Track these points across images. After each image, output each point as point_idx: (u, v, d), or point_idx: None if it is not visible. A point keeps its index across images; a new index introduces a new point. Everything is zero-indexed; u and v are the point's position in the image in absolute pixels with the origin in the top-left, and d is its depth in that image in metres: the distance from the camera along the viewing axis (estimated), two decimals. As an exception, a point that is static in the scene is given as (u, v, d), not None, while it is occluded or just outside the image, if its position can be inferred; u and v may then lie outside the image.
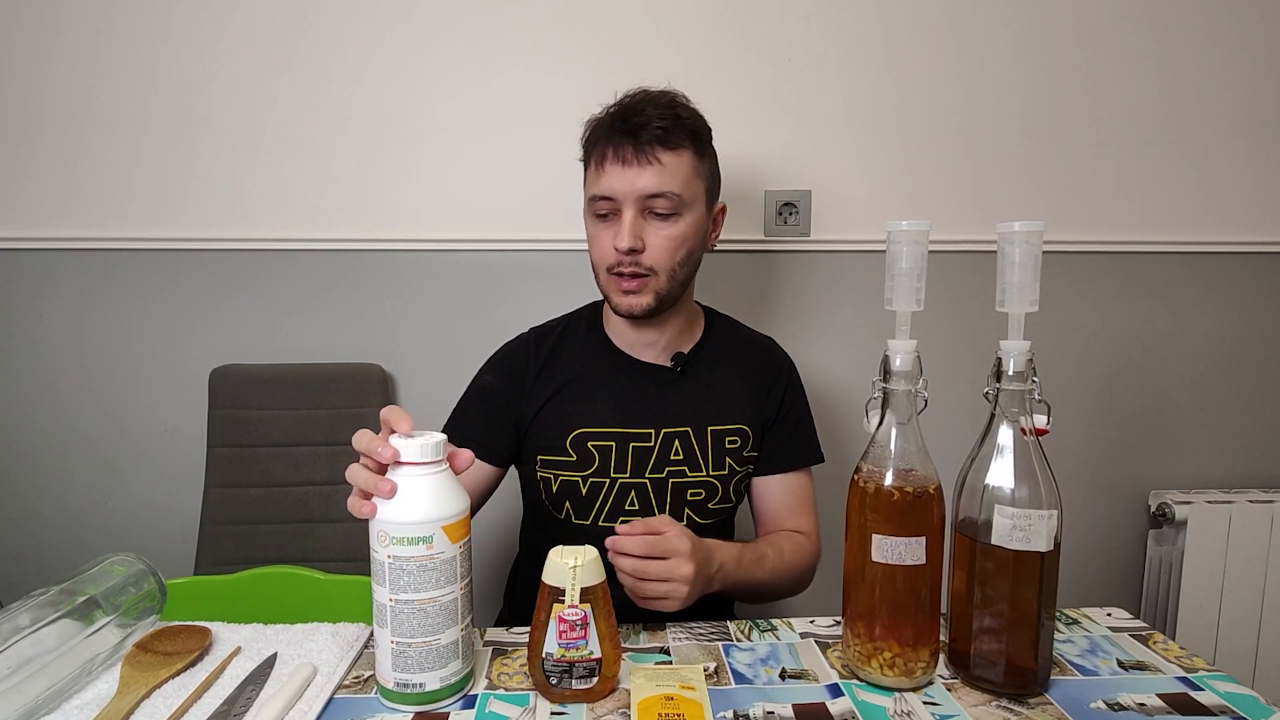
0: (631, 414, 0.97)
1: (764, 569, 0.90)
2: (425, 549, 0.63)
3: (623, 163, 0.90)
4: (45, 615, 0.66)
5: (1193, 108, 1.43)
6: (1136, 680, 0.69)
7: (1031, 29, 1.39)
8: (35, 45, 1.34)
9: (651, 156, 0.89)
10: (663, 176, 0.89)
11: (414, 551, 0.63)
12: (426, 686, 0.65)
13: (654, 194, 0.90)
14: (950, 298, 1.40)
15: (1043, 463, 0.65)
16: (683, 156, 0.91)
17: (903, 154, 1.41)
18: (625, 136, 0.90)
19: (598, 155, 0.92)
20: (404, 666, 0.64)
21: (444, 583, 0.64)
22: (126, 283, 1.40)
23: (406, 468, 0.64)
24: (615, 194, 0.90)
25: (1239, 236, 1.47)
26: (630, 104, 0.92)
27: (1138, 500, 1.53)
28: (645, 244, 0.91)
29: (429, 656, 0.64)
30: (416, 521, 0.63)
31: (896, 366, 0.66)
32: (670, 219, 0.91)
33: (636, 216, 0.91)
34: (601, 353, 1.01)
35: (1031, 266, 0.64)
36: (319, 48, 1.35)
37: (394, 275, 1.41)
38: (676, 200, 0.91)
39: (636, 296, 0.93)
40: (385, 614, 0.64)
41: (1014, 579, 0.65)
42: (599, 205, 0.92)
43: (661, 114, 0.90)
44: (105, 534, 1.44)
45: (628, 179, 0.89)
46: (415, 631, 0.64)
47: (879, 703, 0.66)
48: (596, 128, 0.94)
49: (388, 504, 0.64)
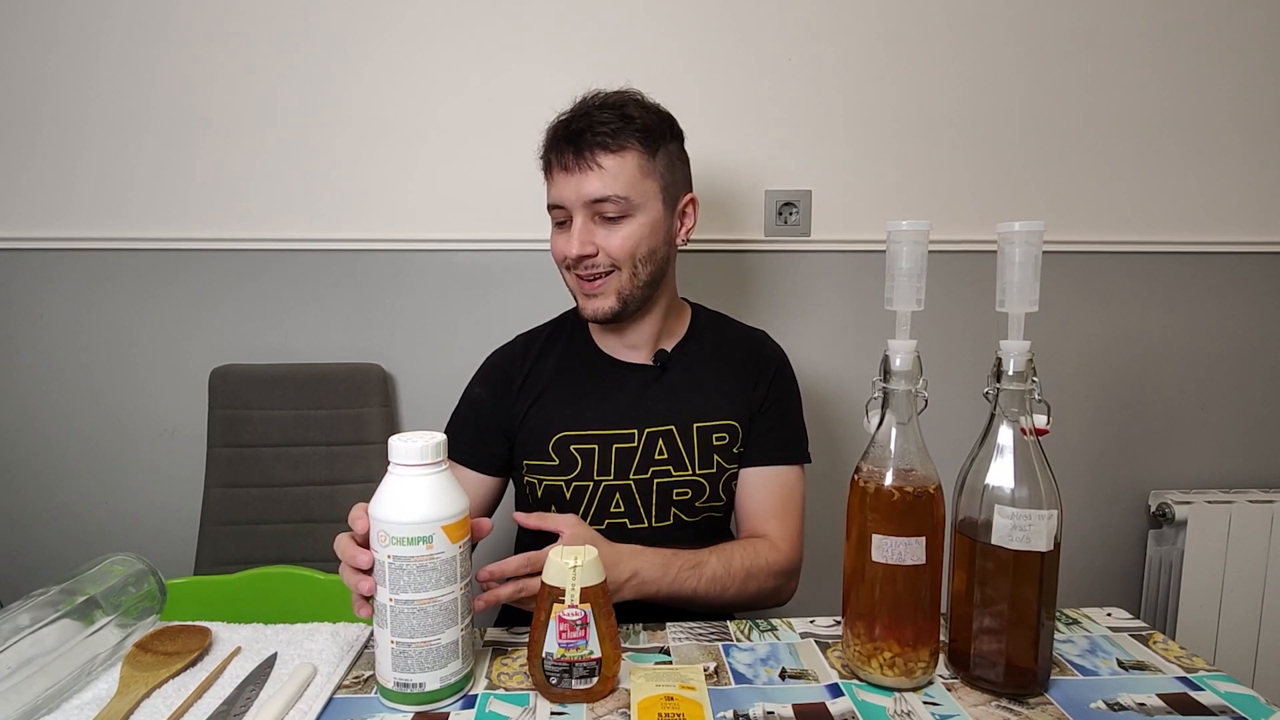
0: (613, 415, 0.96)
1: (700, 577, 0.85)
2: (425, 549, 0.63)
3: (565, 170, 0.91)
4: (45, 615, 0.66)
5: (1193, 108, 1.43)
6: (1136, 680, 0.69)
7: (1032, 29, 1.40)
8: (36, 45, 1.34)
9: (592, 162, 0.89)
10: (604, 180, 0.89)
11: (414, 551, 0.63)
12: (426, 686, 0.65)
13: (598, 199, 0.90)
14: (950, 298, 1.40)
15: (1043, 463, 0.65)
16: (626, 158, 0.90)
17: (903, 154, 1.41)
18: (566, 143, 0.91)
19: (546, 164, 0.94)
20: (404, 666, 0.64)
21: (444, 583, 0.64)
22: (127, 283, 1.40)
23: (406, 468, 0.65)
24: (563, 201, 0.92)
25: (1239, 236, 1.47)
26: (577, 110, 0.93)
27: (1138, 500, 1.53)
28: (598, 247, 0.91)
29: (429, 656, 0.64)
30: (416, 521, 0.63)
31: (896, 366, 0.66)
32: (620, 221, 0.91)
33: (586, 222, 0.91)
34: (584, 355, 1.02)
35: (1031, 266, 0.64)
36: (319, 48, 1.35)
37: (394, 275, 1.41)
38: (623, 203, 0.90)
39: (599, 300, 0.93)
40: (385, 614, 0.64)
41: (1014, 579, 0.65)
42: (554, 214, 0.95)
43: (607, 116, 0.90)
44: (105, 534, 1.44)
45: (571, 186, 0.90)
46: (415, 631, 0.64)
47: (879, 703, 0.66)
48: (546, 137, 0.95)
49: (388, 504, 0.64)
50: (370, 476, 1.37)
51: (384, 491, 0.66)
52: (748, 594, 0.90)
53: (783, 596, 0.96)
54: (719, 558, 0.88)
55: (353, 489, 1.36)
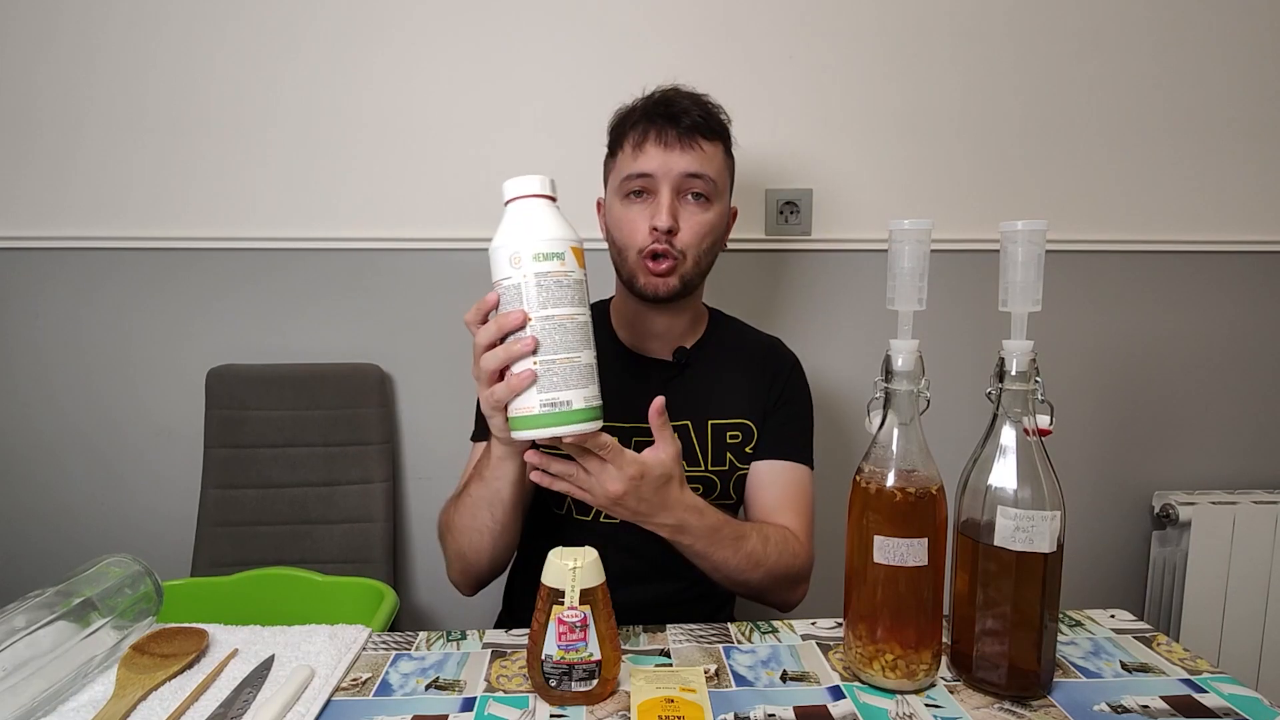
0: (632, 408, 0.96)
1: (739, 551, 0.85)
2: (559, 264, 0.67)
3: (665, 145, 0.91)
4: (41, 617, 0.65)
5: (1194, 108, 1.43)
6: (1140, 682, 0.69)
7: (1033, 29, 1.39)
8: (34, 45, 1.34)
9: (693, 141, 0.92)
10: (702, 161, 0.92)
11: (550, 266, 0.67)
12: (573, 405, 0.67)
13: (693, 174, 0.91)
14: (952, 297, 1.39)
15: (1045, 463, 0.65)
16: (718, 148, 0.95)
17: (904, 153, 1.41)
18: (668, 121, 0.92)
19: (635, 137, 0.93)
20: (550, 386, 0.67)
21: (578, 302, 0.68)
22: (124, 282, 1.39)
23: (530, 198, 0.69)
24: (654, 172, 0.91)
25: (1243, 236, 1.46)
26: (669, 94, 0.95)
27: (1141, 501, 1.52)
28: (679, 225, 0.92)
29: (573, 374, 0.67)
30: (551, 238, 0.67)
31: (899, 366, 0.66)
32: (704, 203, 0.94)
33: (673, 198, 0.92)
34: (606, 348, 1.01)
35: (1034, 266, 0.64)
36: (319, 48, 1.35)
37: (392, 275, 1.40)
38: (711, 185, 0.93)
39: (665, 278, 0.94)
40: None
41: (1017, 580, 0.65)
42: (633, 183, 0.93)
43: (699, 107, 0.94)
44: (101, 535, 1.43)
45: (669, 159, 0.91)
46: (559, 347, 0.67)
47: (881, 705, 0.66)
48: (632, 112, 0.96)
49: (520, 227, 0.68)
50: (368, 478, 1.36)
51: (510, 223, 0.69)
52: (769, 582, 0.89)
53: (795, 597, 0.95)
54: (759, 537, 0.87)
55: (350, 490, 1.35)
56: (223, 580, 1.20)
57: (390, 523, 1.36)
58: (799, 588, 0.95)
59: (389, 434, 1.39)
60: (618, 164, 0.96)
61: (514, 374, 0.69)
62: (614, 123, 0.98)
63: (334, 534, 1.34)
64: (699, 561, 0.85)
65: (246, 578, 1.20)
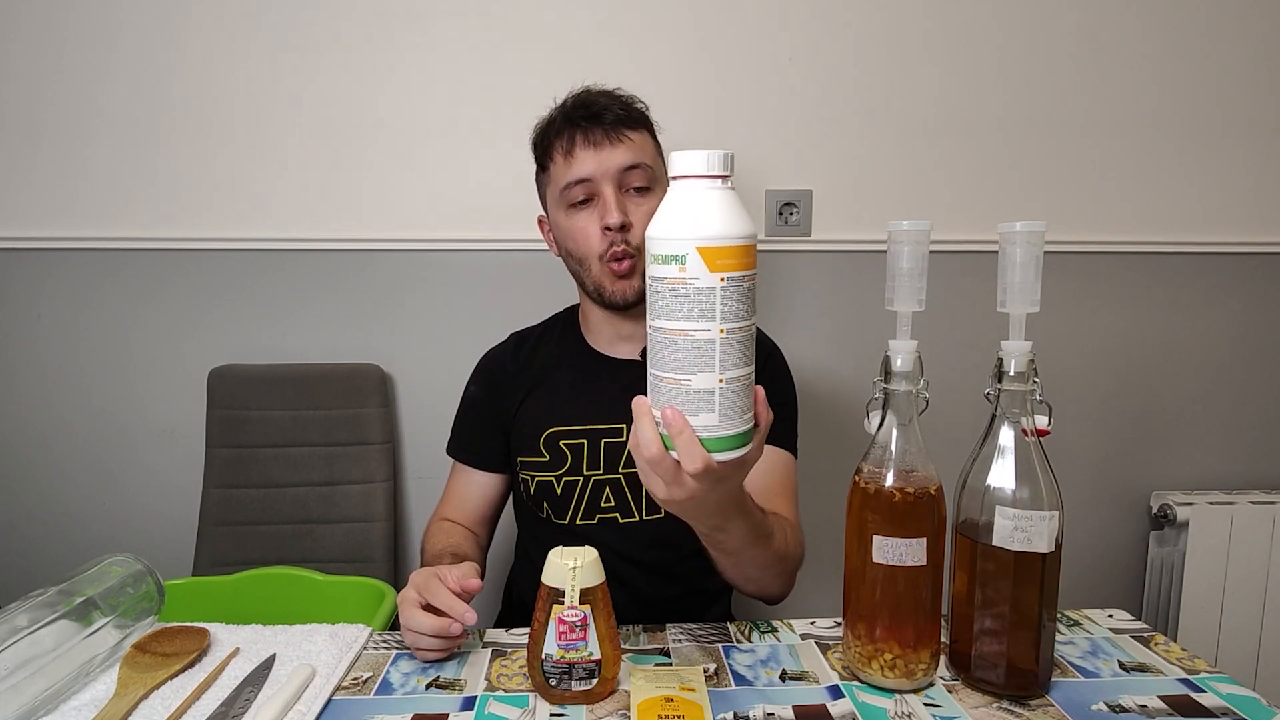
0: (602, 410, 0.96)
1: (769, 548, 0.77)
2: (678, 270, 0.55)
3: (593, 145, 0.91)
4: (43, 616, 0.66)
5: (1193, 108, 1.43)
6: (1138, 682, 0.69)
7: (1032, 29, 1.39)
8: (38, 46, 1.34)
9: (620, 134, 0.92)
10: (634, 151, 0.92)
11: (665, 272, 0.55)
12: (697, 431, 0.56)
13: (631, 166, 0.91)
14: (951, 298, 1.39)
15: (1044, 464, 0.65)
16: (644, 135, 0.95)
17: (904, 153, 1.41)
18: (591, 120, 0.92)
19: (564, 145, 0.93)
20: (653, 402, 0.58)
21: (697, 316, 0.55)
22: (125, 283, 1.40)
23: (673, 181, 0.57)
24: (592, 175, 0.91)
25: (1241, 237, 1.46)
26: (583, 97, 0.95)
27: (1139, 501, 1.53)
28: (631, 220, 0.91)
29: (677, 397, 0.56)
30: (668, 238, 0.55)
31: (897, 367, 0.66)
32: (647, 193, 0.93)
33: (616, 193, 0.91)
34: (574, 352, 1.02)
35: (1033, 267, 0.64)
36: (318, 49, 1.35)
37: (393, 275, 1.41)
38: (649, 173, 0.93)
39: (631, 280, 0.93)
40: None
41: (1015, 580, 0.65)
42: (574, 192, 0.92)
43: (616, 102, 0.94)
44: (103, 534, 1.44)
45: (601, 158, 0.91)
46: (664, 365, 0.56)
47: (880, 704, 0.66)
48: (553, 122, 0.95)
49: (653, 220, 0.57)
50: (369, 478, 1.36)
51: (661, 209, 0.58)
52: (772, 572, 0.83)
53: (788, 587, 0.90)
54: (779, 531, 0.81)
55: (351, 489, 1.36)
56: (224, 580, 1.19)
57: (391, 522, 1.36)
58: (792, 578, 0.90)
59: (390, 434, 1.39)
60: (552, 177, 0.95)
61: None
62: (536, 137, 0.98)
63: (335, 533, 1.34)
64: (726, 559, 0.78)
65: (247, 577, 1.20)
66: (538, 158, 0.98)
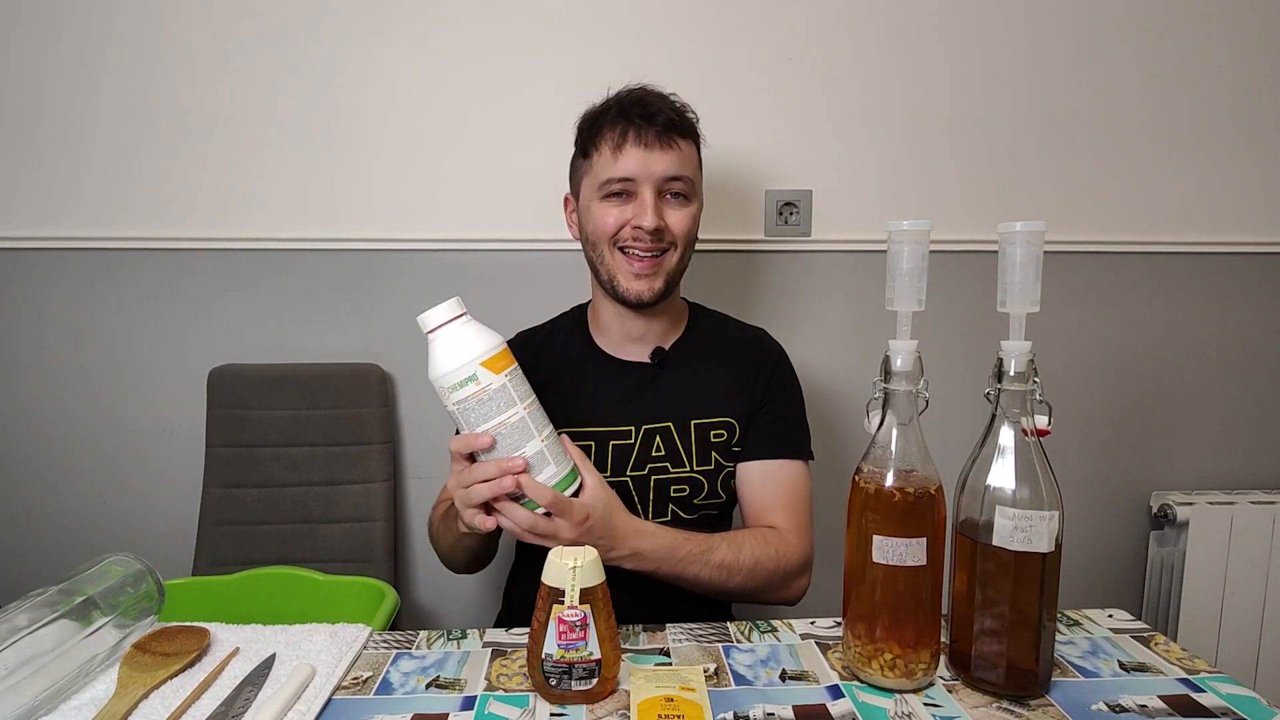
0: (611, 412, 0.96)
1: (707, 563, 0.85)
2: (475, 386, 0.72)
3: (644, 145, 0.91)
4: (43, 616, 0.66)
5: (1193, 108, 1.43)
6: (1138, 682, 0.69)
7: (1032, 29, 1.39)
8: (38, 45, 1.34)
9: (671, 141, 0.92)
10: (680, 161, 0.93)
11: (467, 392, 0.72)
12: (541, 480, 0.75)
13: (674, 176, 0.92)
14: (951, 298, 1.39)
15: (1044, 463, 0.65)
16: (691, 147, 0.96)
17: (904, 154, 1.41)
18: (645, 121, 0.91)
19: (614, 138, 0.92)
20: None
21: (504, 408, 0.73)
22: (126, 283, 1.40)
23: (432, 333, 0.74)
24: (635, 175, 0.91)
25: (1239, 236, 1.46)
26: (639, 94, 0.95)
27: (1139, 501, 1.53)
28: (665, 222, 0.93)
29: (534, 461, 0.75)
30: (457, 367, 0.72)
31: (897, 367, 0.66)
32: (684, 201, 0.95)
33: (655, 198, 0.92)
34: (583, 353, 1.02)
35: (1033, 267, 0.64)
36: (320, 49, 1.35)
37: (394, 276, 1.41)
38: (690, 185, 0.94)
39: (652, 279, 0.94)
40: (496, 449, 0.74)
41: (1015, 580, 0.65)
42: (611, 187, 0.93)
43: (671, 105, 0.94)
44: (103, 534, 1.44)
45: (649, 160, 0.91)
46: (512, 449, 0.74)
47: (880, 704, 0.66)
48: (606, 112, 0.95)
49: (432, 366, 0.74)
50: (369, 477, 1.37)
51: (429, 361, 0.74)
52: (754, 585, 0.89)
53: (793, 592, 0.94)
54: (729, 545, 0.88)
55: (351, 489, 1.36)
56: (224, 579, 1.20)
57: (391, 522, 1.36)
58: (794, 583, 0.93)
59: (390, 433, 1.39)
60: (594, 166, 0.95)
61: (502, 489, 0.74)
62: (585, 122, 0.97)
63: (335, 533, 1.34)
64: (674, 582, 0.86)
65: (248, 577, 1.20)
66: (582, 143, 0.97)
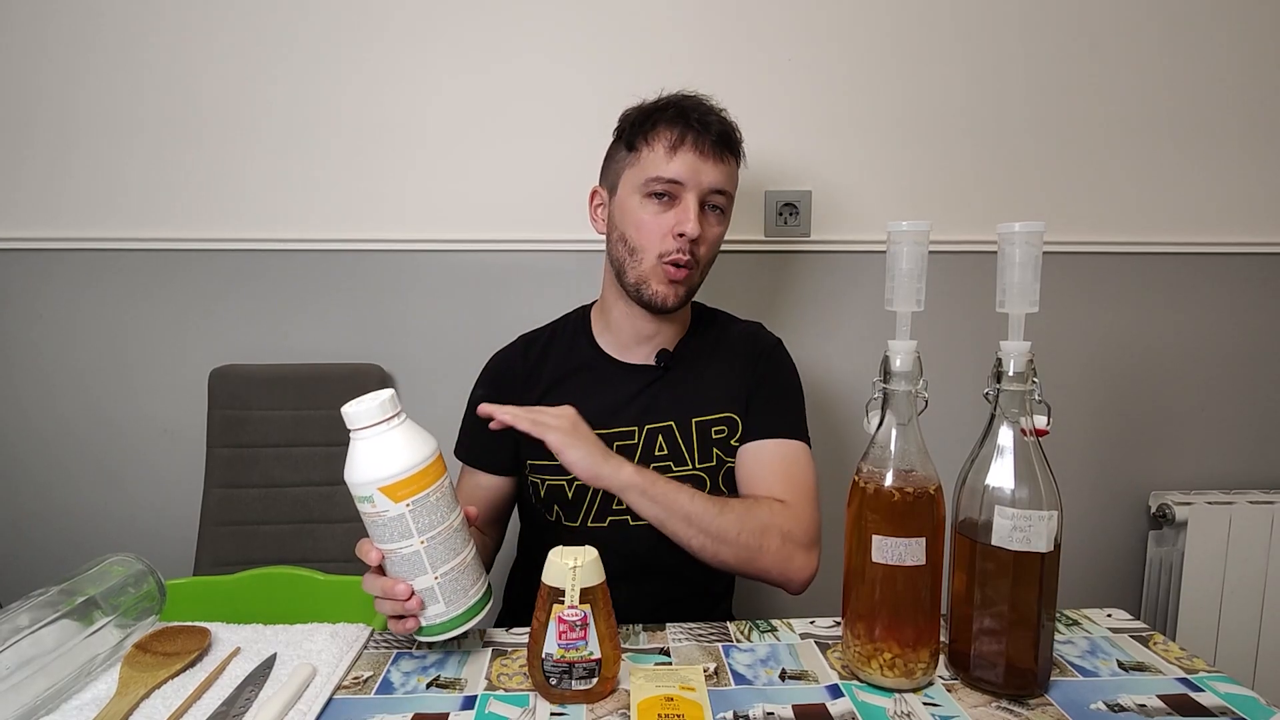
0: (614, 414, 0.97)
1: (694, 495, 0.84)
2: (370, 507, 0.67)
3: (701, 153, 0.91)
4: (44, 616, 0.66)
5: (1193, 108, 1.43)
6: (1137, 681, 0.69)
7: (1032, 29, 1.39)
8: (31, 44, 1.34)
9: (725, 154, 0.93)
10: (728, 177, 0.93)
11: (365, 509, 0.67)
12: (449, 614, 0.69)
13: (719, 190, 0.92)
14: (950, 298, 1.40)
15: (1043, 463, 0.65)
16: (735, 165, 0.96)
17: (903, 154, 1.41)
18: (704, 128, 0.91)
19: (670, 138, 0.91)
20: (430, 603, 0.69)
21: (398, 537, 0.67)
22: (126, 283, 1.40)
23: (356, 432, 0.69)
24: (685, 180, 0.91)
25: (1239, 237, 1.47)
26: (696, 100, 0.95)
27: (1138, 501, 1.53)
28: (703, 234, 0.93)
29: (417, 598, 0.69)
30: (356, 482, 0.67)
31: (897, 367, 0.66)
32: (720, 216, 0.95)
33: (698, 207, 0.92)
34: (587, 357, 1.02)
35: (1032, 267, 0.64)
36: (318, 47, 1.35)
37: (394, 275, 1.41)
38: (729, 201, 0.95)
39: (678, 287, 0.94)
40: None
41: (1014, 580, 0.65)
42: (657, 186, 0.92)
43: (724, 121, 0.94)
44: (104, 534, 1.44)
45: (702, 169, 0.91)
46: (396, 573, 0.69)
47: (879, 704, 0.66)
48: (663, 111, 0.93)
49: (347, 465, 0.68)
50: (370, 477, 1.37)
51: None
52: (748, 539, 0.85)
53: (792, 566, 0.88)
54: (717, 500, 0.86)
55: (352, 489, 1.36)
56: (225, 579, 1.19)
57: (391, 522, 1.36)
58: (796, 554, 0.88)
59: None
60: (642, 160, 0.93)
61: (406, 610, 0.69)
62: (636, 116, 0.95)
63: (336, 533, 1.35)
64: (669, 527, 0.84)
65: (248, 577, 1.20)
66: (629, 136, 0.95)
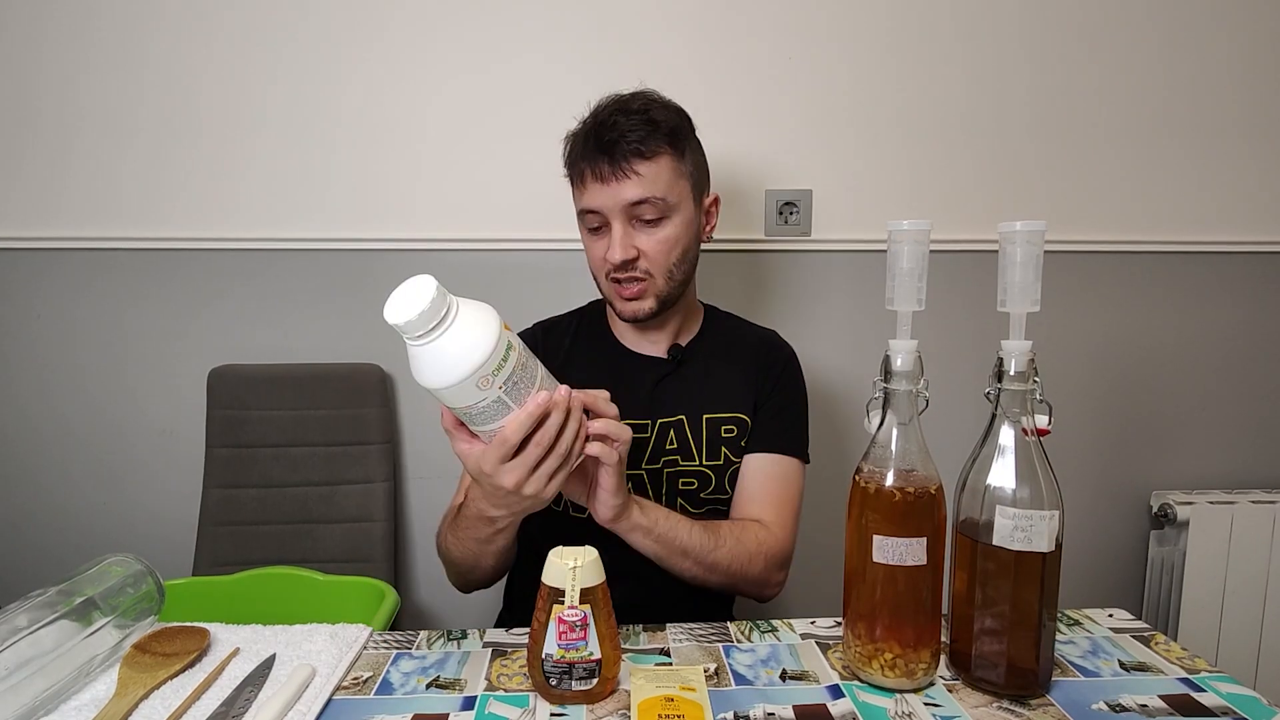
0: (628, 406, 0.96)
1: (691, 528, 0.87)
2: (462, 403, 0.67)
3: (601, 180, 0.90)
4: (43, 616, 0.66)
5: (1193, 108, 1.43)
6: (1138, 681, 0.69)
7: (1033, 28, 1.39)
8: (29, 44, 1.34)
9: (628, 170, 0.89)
10: (642, 185, 0.90)
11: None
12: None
13: (636, 201, 0.90)
14: (951, 298, 1.39)
15: (1044, 463, 0.65)
16: (660, 162, 0.91)
17: (904, 153, 1.41)
18: (600, 154, 0.90)
19: (577, 174, 0.93)
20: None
21: (502, 415, 0.68)
22: (124, 282, 1.40)
23: (437, 326, 0.68)
24: (600, 208, 0.91)
25: (1239, 236, 1.46)
26: (603, 118, 0.92)
27: (1139, 501, 1.53)
28: (639, 250, 0.92)
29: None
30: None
31: (898, 366, 0.66)
32: (658, 223, 0.92)
33: (625, 226, 0.91)
34: (603, 347, 1.03)
35: (1033, 266, 0.64)
36: (317, 46, 1.35)
37: (394, 276, 1.39)
38: (661, 204, 0.91)
39: (638, 302, 0.94)
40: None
41: (1015, 580, 0.65)
42: (588, 219, 0.94)
43: (634, 124, 0.90)
44: (103, 534, 1.44)
45: (609, 194, 0.90)
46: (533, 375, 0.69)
47: (880, 704, 0.66)
48: (573, 146, 0.95)
49: (463, 351, 0.66)
50: (369, 478, 1.37)
51: (436, 361, 0.67)
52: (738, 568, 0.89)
53: (768, 586, 0.94)
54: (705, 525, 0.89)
55: (351, 489, 1.36)
56: (224, 579, 1.20)
57: (391, 522, 1.36)
58: (773, 576, 0.93)
59: (390, 434, 1.39)
60: (574, 194, 0.96)
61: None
62: (564, 152, 0.97)
63: (335, 533, 1.35)
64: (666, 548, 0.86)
65: (248, 577, 1.20)
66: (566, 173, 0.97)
